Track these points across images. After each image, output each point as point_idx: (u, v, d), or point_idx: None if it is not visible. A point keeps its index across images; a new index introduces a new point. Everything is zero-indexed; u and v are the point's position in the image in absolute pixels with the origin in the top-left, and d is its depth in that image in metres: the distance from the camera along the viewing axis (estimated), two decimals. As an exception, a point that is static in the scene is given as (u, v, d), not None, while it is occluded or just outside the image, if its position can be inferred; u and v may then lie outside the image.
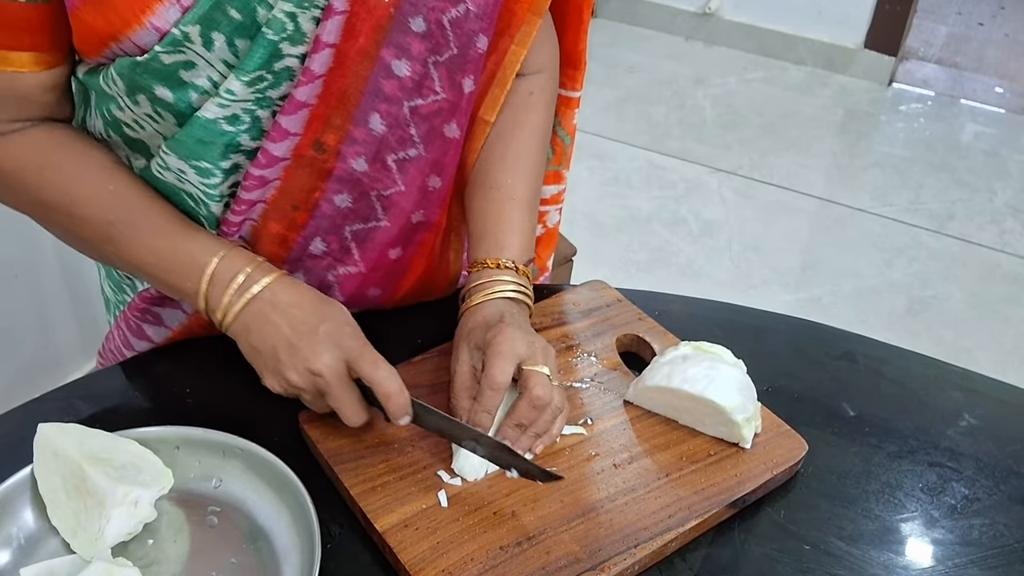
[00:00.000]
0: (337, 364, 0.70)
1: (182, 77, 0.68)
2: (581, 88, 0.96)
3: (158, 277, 0.75)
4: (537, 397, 0.72)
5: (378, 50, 0.70)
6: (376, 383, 0.70)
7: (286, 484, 0.68)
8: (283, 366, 0.70)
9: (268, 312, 0.71)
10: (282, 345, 0.70)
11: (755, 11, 3.52)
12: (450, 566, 0.65)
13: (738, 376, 0.76)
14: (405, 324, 0.90)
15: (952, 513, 0.75)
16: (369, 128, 0.73)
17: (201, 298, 0.72)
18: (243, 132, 0.71)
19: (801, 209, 2.77)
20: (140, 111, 0.71)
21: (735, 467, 0.74)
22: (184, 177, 0.74)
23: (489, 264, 0.81)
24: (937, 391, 0.87)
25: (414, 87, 0.73)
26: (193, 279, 0.72)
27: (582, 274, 1.27)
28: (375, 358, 0.70)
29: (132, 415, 0.79)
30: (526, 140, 0.86)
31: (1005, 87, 3.48)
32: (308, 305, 0.72)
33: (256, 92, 0.69)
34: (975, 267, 2.56)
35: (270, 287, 0.72)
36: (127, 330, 0.88)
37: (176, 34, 0.64)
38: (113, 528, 0.65)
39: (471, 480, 0.72)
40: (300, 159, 0.73)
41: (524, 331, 0.75)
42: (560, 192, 1.02)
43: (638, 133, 3.07)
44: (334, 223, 0.79)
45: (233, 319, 0.72)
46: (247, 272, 0.72)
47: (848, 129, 3.19)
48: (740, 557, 0.71)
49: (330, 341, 0.70)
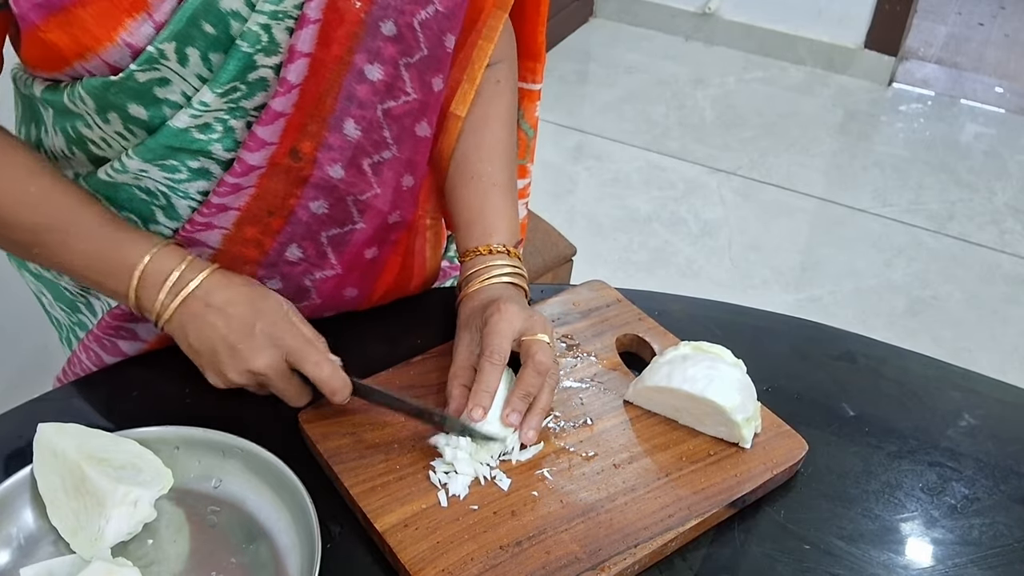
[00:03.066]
0: (277, 363, 0.71)
1: (156, 94, 0.67)
2: (541, 80, 0.97)
3: (88, 278, 0.74)
4: (540, 363, 0.73)
5: (351, 56, 0.70)
6: (321, 383, 0.71)
7: (286, 484, 0.68)
8: (224, 367, 0.71)
9: (203, 312, 0.71)
10: (221, 346, 0.70)
11: (755, 11, 3.52)
12: (450, 566, 0.65)
13: (738, 376, 0.76)
14: (382, 320, 0.91)
15: (952, 513, 0.75)
16: (344, 134, 0.73)
17: (132, 298, 0.71)
18: (215, 141, 0.71)
19: (801, 209, 2.77)
20: (110, 129, 0.71)
21: (735, 467, 0.74)
22: (144, 176, 0.73)
23: (481, 251, 0.83)
24: (937, 391, 0.87)
25: (386, 90, 0.74)
26: (123, 279, 0.71)
27: (582, 274, 1.27)
28: (316, 358, 0.71)
29: (132, 415, 0.79)
30: (498, 128, 0.88)
31: (1005, 87, 3.48)
32: (244, 302, 0.72)
33: (229, 102, 0.69)
34: (975, 267, 2.56)
35: (203, 285, 0.71)
36: (99, 349, 0.87)
37: (152, 51, 0.64)
38: (113, 528, 0.65)
39: (464, 472, 0.72)
40: (276, 167, 0.73)
41: (521, 307, 0.77)
42: (526, 186, 1.04)
43: (637, 133, 3.07)
44: (310, 229, 0.78)
45: (169, 318, 0.71)
46: (180, 270, 0.71)
47: (848, 129, 3.19)
48: (740, 557, 0.71)
49: (268, 340, 0.70)
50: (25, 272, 0.93)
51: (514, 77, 0.92)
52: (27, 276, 0.93)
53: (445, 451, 0.72)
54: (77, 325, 0.91)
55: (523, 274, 0.83)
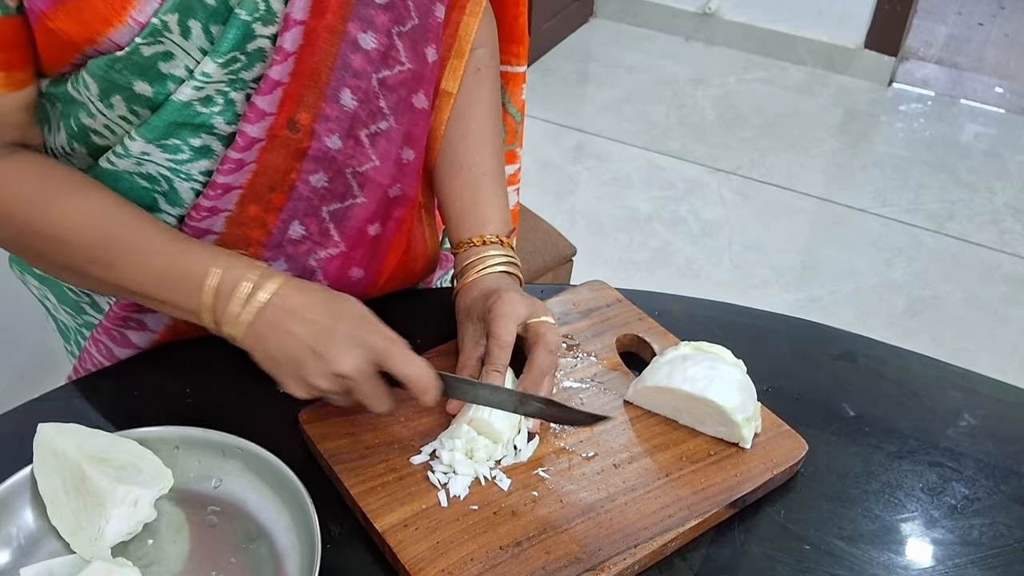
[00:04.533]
0: (364, 364, 0.68)
1: (161, 69, 0.68)
2: (526, 63, 0.98)
3: (156, 297, 0.72)
4: (550, 342, 0.74)
5: (345, 25, 0.71)
6: (410, 381, 0.69)
7: (286, 484, 0.68)
8: (308, 373, 0.68)
9: (282, 320, 0.69)
10: (304, 352, 0.68)
11: (755, 11, 3.52)
12: (450, 566, 0.65)
13: (738, 376, 0.76)
14: (382, 320, 0.91)
15: (952, 513, 0.75)
16: (341, 104, 0.74)
17: (207, 313, 0.70)
18: (216, 115, 0.71)
19: (801, 209, 2.77)
20: (113, 114, 0.71)
21: (735, 467, 0.74)
22: (146, 159, 0.73)
23: (475, 242, 0.84)
24: (937, 391, 0.87)
25: (380, 59, 0.75)
26: (194, 294, 0.69)
27: (582, 274, 1.27)
28: (403, 355, 0.69)
29: (132, 415, 0.79)
30: (483, 116, 0.89)
31: (1005, 87, 3.48)
32: (321, 306, 0.70)
33: (230, 74, 0.69)
34: (975, 267, 2.56)
35: (279, 293, 0.69)
36: (109, 341, 0.87)
37: (156, 23, 0.64)
38: (113, 528, 0.65)
39: (463, 472, 0.72)
40: (275, 140, 0.73)
41: (521, 294, 0.78)
42: (516, 171, 1.04)
43: (638, 133, 3.07)
44: (311, 204, 0.79)
45: (245, 329, 0.69)
46: (253, 280, 0.69)
47: (848, 129, 3.19)
48: (740, 557, 0.71)
49: (352, 342, 0.68)
50: (28, 276, 0.93)
51: (496, 64, 0.93)
52: (30, 280, 0.93)
53: (442, 455, 0.72)
54: (84, 326, 0.91)
55: (517, 263, 0.84)
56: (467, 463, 0.72)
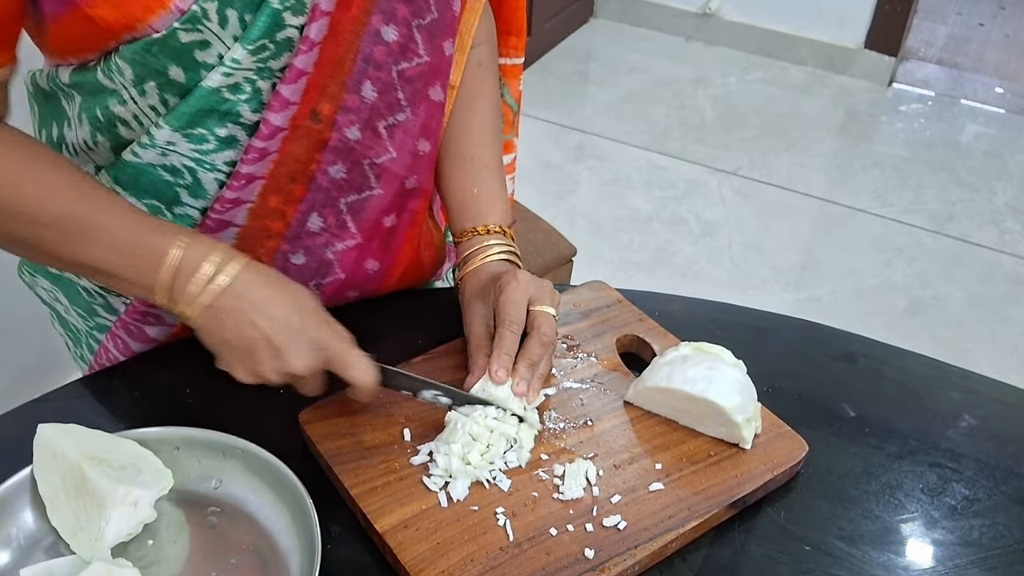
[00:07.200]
0: (316, 364, 0.70)
1: (196, 57, 0.69)
2: (523, 55, 1.01)
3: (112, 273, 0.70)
4: (545, 334, 0.77)
5: (368, 17, 0.73)
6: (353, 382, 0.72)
7: (286, 484, 0.68)
8: (260, 364, 0.69)
9: (245, 308, 0.69)
10: (262, 345, 0.69)
11: (755, 11, 3.52)
12: (450, 567, 0.65)
13: (738, 376, 0.76)
14: (383, 320, 0.91)
15: (952, 514, 0.75)
16: (361, 95, 0.76)
17: (162, 291, 0.68)
18: (243, 102, 0.72)
19: (801, 209, 2.77)
20: (144, 103, 0.72)
21: (735, 468, 0.74)
22: (171, 149, 0.73)
23: (479, 231, 0.86)
24: (937, 391, 0.87)
25: (400, 51, 0.77)
26: (151, 271, 0.68)
27: (582, 274, 1.27)
28: (352, 359, 0.71)
29: (132, 415, 0.79)
30: (485, 110, 0.91)
31: (1005, 87, 3.48)
32: (287, 300, 0.70)
33: (258, 61, 0.71)
34: (975, 267, 2.56)
35: (241, 278, 0.69)
36: (126, 335, 0.87)
37: (196, 10, 0.66)
38: (113, 528, 0.65)
39: (456, 474, 0.71)
40: (297, 129, 0.74)
41: (530, 276, 0.80)
42: (513, 160, 1.07)
43: (638, 133, 3.07)
44: (329, 195, 0.80)
45: (201, 311, 0.69)
46: (215, 261, 0.68)
47: (848, 129, 3.19)
48: (740, 557, 0.71)
49: (312, 344, 0.70)
50: (40, 277, 0.92)
51: (495, 60, 0.95)
52: (42, 283, 0.92)
53: (438, 459, 0.72)
54: (96, 329, 0.90)
55: (517, 253, 0.87)
56: (463, 469, 0.72)
